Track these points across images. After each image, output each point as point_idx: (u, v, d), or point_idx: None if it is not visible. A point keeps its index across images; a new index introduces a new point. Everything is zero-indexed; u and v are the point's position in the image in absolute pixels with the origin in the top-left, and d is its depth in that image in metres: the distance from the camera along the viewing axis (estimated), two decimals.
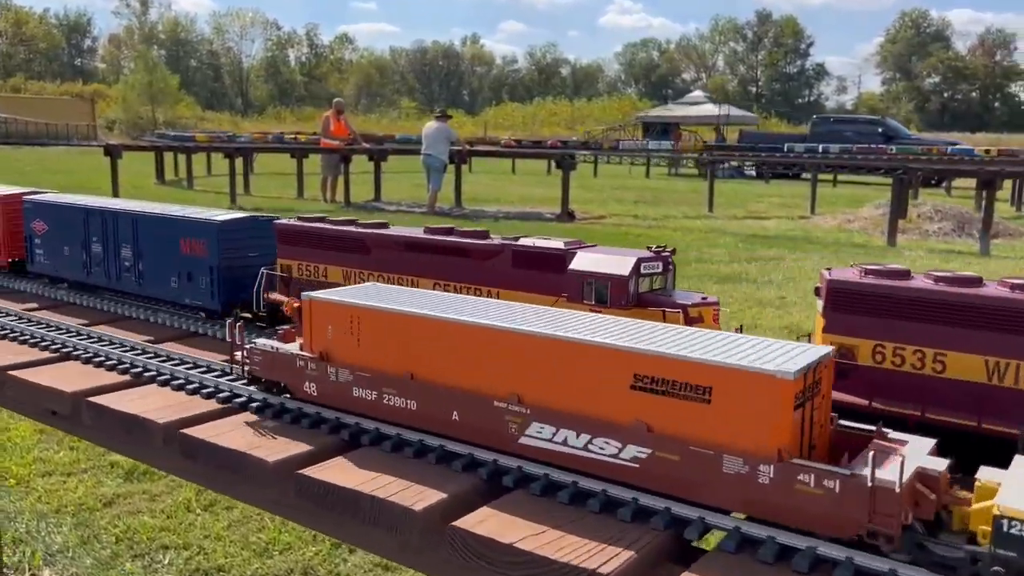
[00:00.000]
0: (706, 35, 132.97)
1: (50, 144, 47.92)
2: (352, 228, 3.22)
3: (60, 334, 3.35)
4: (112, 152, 18.80)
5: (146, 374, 2.94)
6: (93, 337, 3.30)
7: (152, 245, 3.66)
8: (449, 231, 3.04)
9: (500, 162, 35.52)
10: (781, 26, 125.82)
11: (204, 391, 2.75)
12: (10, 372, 2.99)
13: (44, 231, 4.15)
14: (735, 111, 53.73)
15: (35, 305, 3.94)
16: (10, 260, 4.39)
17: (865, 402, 2.32)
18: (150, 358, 3.05)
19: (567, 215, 18.49)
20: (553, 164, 33.84)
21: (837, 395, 2.17)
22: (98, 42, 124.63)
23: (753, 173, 35.93)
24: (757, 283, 10.77)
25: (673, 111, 51.69)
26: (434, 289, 2.98)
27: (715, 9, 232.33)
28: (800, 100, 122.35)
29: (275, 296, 3.32)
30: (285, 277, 3.35)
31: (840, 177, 32.47)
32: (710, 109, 51.41)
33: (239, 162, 20.97)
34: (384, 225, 3.23)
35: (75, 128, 56.20)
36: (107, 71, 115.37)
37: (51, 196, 4.26)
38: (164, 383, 2.86)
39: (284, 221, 3.38)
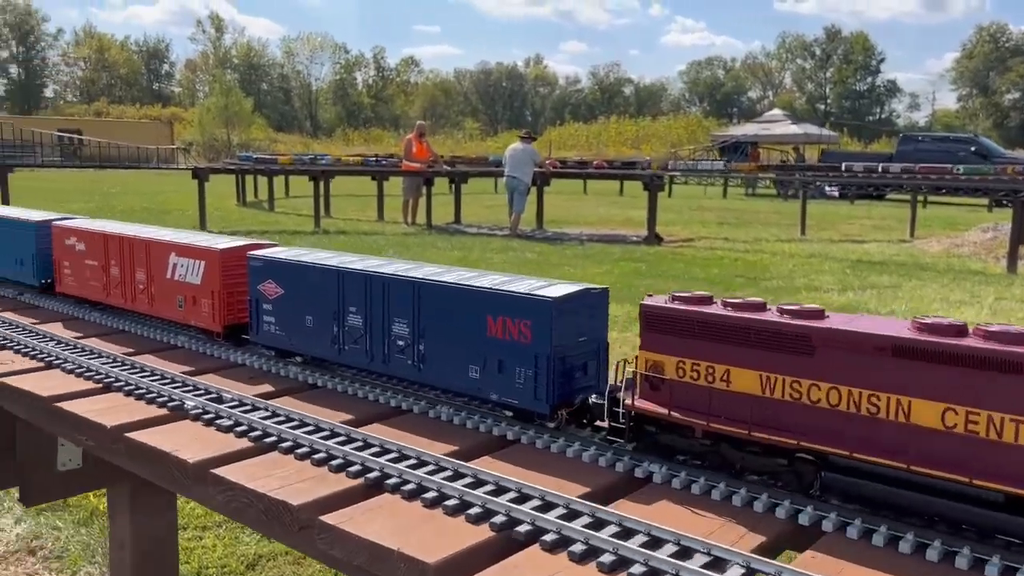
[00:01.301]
0: (772, 52, 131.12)
1: (133, 167, 49.45)
2: (776, 316, 2.20)
3: (340, 444, 2.55)
4: (199, 175, 19.08)
5: (514, 529, 2.02)
6: (392, 452, 2.49)
7: (442, 322, 2.91)
8: (961, 330, 1.94)
9: (570, 182, 35.17)
10: (851, 42, 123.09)
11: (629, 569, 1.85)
12: (322, 517, 2.12)
13: (277, 295, 3.40)
14: (815, 130, 52.25)
15: (270, 388, 3.16)
16: (225, 326, 3.59)
17: None
18: (488, 492, 2.17)
19: (655, 238, 17.95)
20: (622, 184, 33.66)
21: None
22: (175, 67, 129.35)
23: (835, 193, 34.73)
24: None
25: (771, 130, 49.84)
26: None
27: (778, 27, 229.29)
28: (871, 117, 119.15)
29: (642, 404, 2.42)
30: (654, 378, 2.45)
31: (929, 198, 31.10)
32: (790, 128, 50.04)
33: (321, 184, 21.05)
34: (820, 313, 2.17)
35: (157, 151, 57.97)
36: (183, 95, 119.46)
37: (288, 252, 3.53)
38: (551, 549, 1.96)
39: (655, 301, 2.46)
